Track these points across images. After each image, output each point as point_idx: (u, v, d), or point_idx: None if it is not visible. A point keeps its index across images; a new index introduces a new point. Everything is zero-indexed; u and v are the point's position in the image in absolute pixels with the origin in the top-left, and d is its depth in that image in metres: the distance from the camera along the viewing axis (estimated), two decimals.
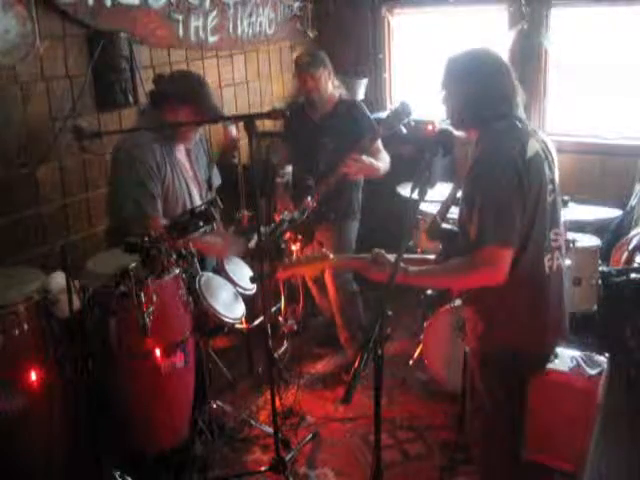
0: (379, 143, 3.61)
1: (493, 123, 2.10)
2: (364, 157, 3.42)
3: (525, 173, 2.01)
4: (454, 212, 2.35)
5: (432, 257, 2.32)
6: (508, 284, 2.02)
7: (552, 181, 2.13)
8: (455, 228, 2.25)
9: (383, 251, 2.16)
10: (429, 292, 2.40)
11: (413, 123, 3.41)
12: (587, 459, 2.40)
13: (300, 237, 3.54)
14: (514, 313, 2.12)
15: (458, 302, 2.45)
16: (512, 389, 2.18)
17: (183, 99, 2.85)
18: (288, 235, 3.45)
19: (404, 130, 3.37)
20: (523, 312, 2.12)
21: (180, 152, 3.01)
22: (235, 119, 2.89)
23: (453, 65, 2.17)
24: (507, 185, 1.99)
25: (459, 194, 2.25)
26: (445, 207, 2.39)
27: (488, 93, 2.10)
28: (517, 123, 2.11)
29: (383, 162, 3.60)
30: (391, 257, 2.14)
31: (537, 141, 2.11)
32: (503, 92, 2.12)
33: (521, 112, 2.15)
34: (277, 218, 3.56)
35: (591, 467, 2.39)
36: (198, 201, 3.03)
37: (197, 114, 2.86)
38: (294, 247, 3.58)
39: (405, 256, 2.18)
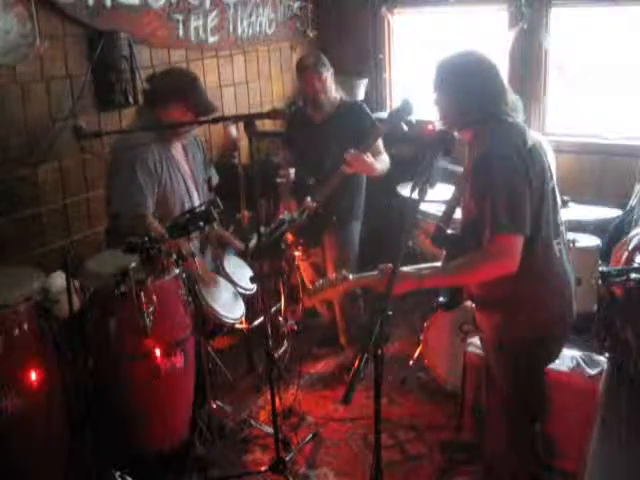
0: (380, 144, 3.62)
1: (489, 122, 2.14)
2: (364, 155, 3.41)
3: (530, 161, 2.08)
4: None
5: (439, 264, 2.33)
6: (524, 272, 2.05)
7: (549, 168, 2.20)
8: (458, 232, 2.27)
9: (390, 264, 2.15)
10: (441, 299, 2.40)
11: (414, 121, 3.40)
12: (587, 458, 2.40)
13: (302, 242, 3.54)
14: (534, 299, 2.17)
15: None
16: (530, 373, 2.25)
17: (172, 95, 2.85)
18: (290, 240, 3.45)
19: (405, 128, 3.37)
20: (543, 297, 2.18)
21: (177, 151, 3.01)
22: (235, 119, 2.88)
23: (443, 67, 2.20)
24: (516, 174, 2.04)
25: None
26: (448, 213, 2.39)
27: (479, 94, 2.14)
28: (511, 120, 2.16)
29: (382, 163, 3.60)
30: (405, 268, 2.17)
31: (530, 132, 2.19)
32: (494, 92, 2.16)
33: (511, 110, 2.18)
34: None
35: (591, 466, 2.39)
36: (197, 199, 3.04)
37: (188, 109, 2.85)
38: (296, 253, 3.59)
39: (415, 266, 2.25)
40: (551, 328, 2.23)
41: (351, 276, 2.25)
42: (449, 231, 2.31)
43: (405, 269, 2.18)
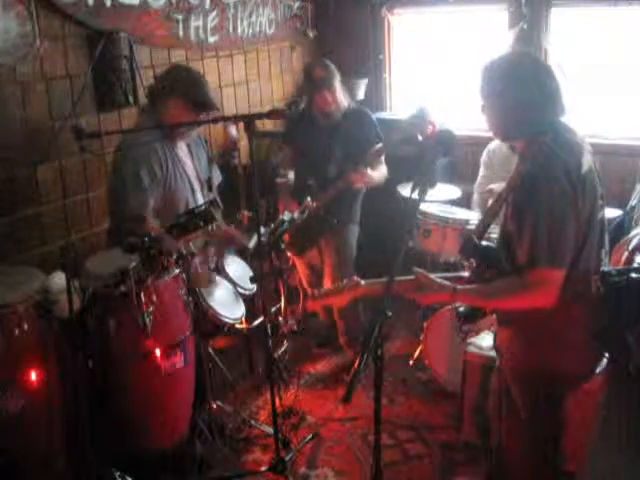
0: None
1: (542, 133, 1.97)
2: (368, 171, 3.46)
3: (581, 190, 1.91)
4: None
5: (466, 274, 2.21)
6: (556, 305, 1.92)
7: (602, 197, 2.04)
8: (492, 244, 2.15)
9: (423, 270, 2.05)
10: (461, 309, 2.32)
11: (431, 128, 3.36)
12: (588, 458, 2.40)
13: (292, 242, 3.53)
14: (561, 334, 2.01)
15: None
16: (549, 405, 2.11)
17: (172, 91, 2.84)
18: (287, 240, 3.46)
19: (420, 138, 3.34)
20: (571, 333, 2.02)
21: (182, 150, 3.01)
22: (235, 119, 2.88)
23: (492, 74, 2.02)
24: (563, 203, 1.88)
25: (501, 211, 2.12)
26: (484, 224, 2.25)
27: (531, 100, 1.96)
28: (567, 134, 2.00)
29: (380, 172, 3.62)
30: (434, 277, 2.05)
31: (589, 153, 2.02)
32: (546, 97, 1.98)
33: (567, 116, 2.02)
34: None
35: (592, 466, 2.39)
36: (201, 199, 3.04)
37: (189, 105, 2.85)
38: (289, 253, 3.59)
39: (441, 275, 2.14)
40: (571, 365, 2.06)
41: (362, 282, 2.11)
42: (483, 243, 2.16)
43: (438, 279, 2.05)
